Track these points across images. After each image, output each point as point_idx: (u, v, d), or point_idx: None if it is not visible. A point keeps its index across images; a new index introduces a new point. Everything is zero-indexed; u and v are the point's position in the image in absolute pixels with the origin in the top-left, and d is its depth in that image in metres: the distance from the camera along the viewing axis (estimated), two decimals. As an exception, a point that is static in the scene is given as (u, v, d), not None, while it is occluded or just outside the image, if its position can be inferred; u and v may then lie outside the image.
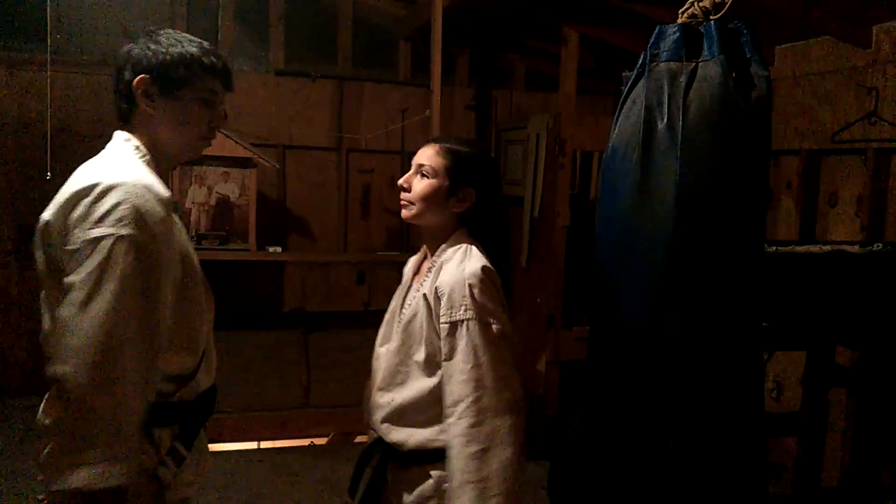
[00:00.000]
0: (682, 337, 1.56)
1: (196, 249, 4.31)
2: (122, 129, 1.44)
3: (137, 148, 1.41)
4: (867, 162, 2.92)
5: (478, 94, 4.90)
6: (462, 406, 1.44)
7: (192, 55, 1.42)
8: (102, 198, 1.25)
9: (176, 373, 1.39)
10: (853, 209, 3.05)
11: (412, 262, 1.77)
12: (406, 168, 1.69)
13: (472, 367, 1.45)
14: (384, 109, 4.70)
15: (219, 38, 4.36)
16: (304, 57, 4.65)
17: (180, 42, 1.44)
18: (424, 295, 1.55)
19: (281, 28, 4.56)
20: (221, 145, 3.81)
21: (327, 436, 4.45)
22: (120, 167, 1.32)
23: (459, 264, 1.52)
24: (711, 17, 1.58)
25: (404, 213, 1.63)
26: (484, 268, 1.51)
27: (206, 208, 3.90)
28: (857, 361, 2.95)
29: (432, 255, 1.62)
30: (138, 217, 1.25)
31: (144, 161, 1.39)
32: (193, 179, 3.87)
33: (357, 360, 4.41)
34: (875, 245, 2.46)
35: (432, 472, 1.52)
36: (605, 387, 1.74)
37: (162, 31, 1.46)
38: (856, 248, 2.42)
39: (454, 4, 3.68)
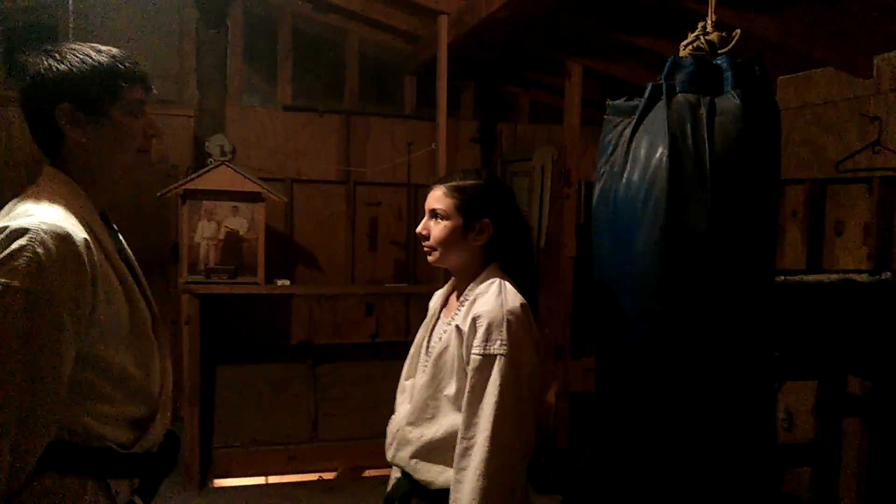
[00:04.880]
0: (710, 367, 1.56)
1: (205, 283, 4.25)
2: (53, 162, 1.33)
3: (68, 183, 1.30)
4: (872, 191, 2.93)
5: (482, 127, 4.94)
6: (480, 439, 1.44)
7: (107, 66, 1.30)
8: (5, 242, 1.16)
9: (128, 421, 1.31)
10: (860, 238, 3.05)
11: (439, 295, 1.77)
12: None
13: (496, 402, 1.45)
14: (390, 143, 4.75)
15: (227, 74, 4.43)
16: (312, 92, 4.72)
17: (87, 55, 1.29)
18: (457, 326, 1.54)
19: (288, 64, 4.63)
20: (231, 180, 3.85)
21: (336, 470, 4.42)
22: (36, 209, 1.22)
23: (497, 297, 1.52)
24: (720, 52, 1.61)
25: (429, 258, 1.65)
26: (523, 305, 1.52)
27: (216, 242, 3.92)
28: (870, 391, 2.92)
29: (464, 290, 1.62)
30: (38, 268, 1.15)
31: (74, 197, 1.28)
32: (203, 214, 3.90)
33: (365, 392, 4.39)
34: (884, 273, 2.45)
35: None
36: (625, 422, 1.72)
37: (59, 46, 1.31)
38: (864, 277, 2.42)
39: (458, 40, 3.74)
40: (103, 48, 1.32)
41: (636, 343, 1.64)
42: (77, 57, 1.29)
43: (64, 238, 1.19)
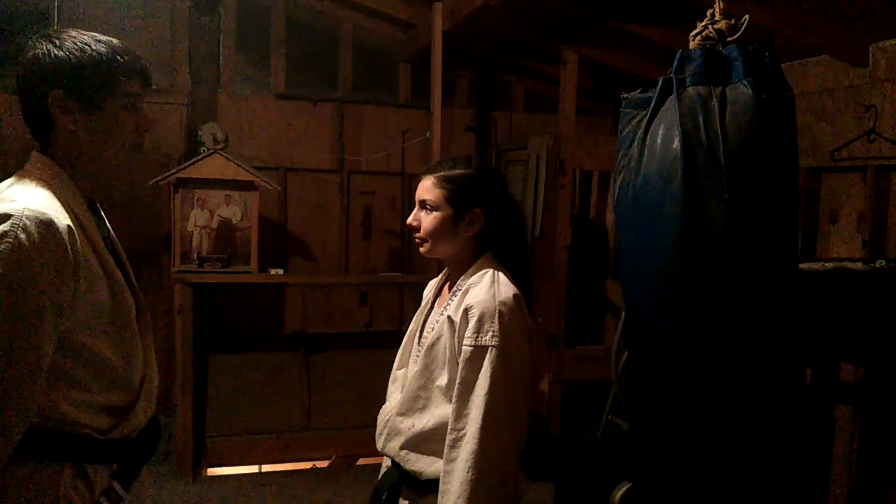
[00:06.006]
0: (741, 359, 1.55)
1: (198, 272, 4.23)
2: (42, 148, 1.32)
3: (54, 169, 1.29)
4: (867, 179, 2.92)
5: (477, 116, 4.93)
6: (471, 430, 1.43)
7: (105, 57, 1.27)
8: None
9: (106, 408, 1.30)
10: (854, 226, 3.05)
11: (432, 284, 1.76)
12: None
13: (487, 394, 1.43)
14: (384, 131, 4.72)
15: (220, 62, 4.40)
16: (305, 81, 4.68)
17: (86, 44, 1.27)
18: (449, 317, 1.53)
19: (282, 52, 4.59)
20: (223, 169, 3.83)
21: (329, 459, 4.42)
22: (20, 194, 1.21)
23: (489, 288, 1.50)
24: (728, 40, 1.60)
25: (421, 249, 1.63)
26: (515, 296, 1.51)
27: (208, 231, 3.90)
28: (863, 378, 2.94)
29: (456, 280, 1.61)
30: (20, 254, 1.15)
31: (60, 184, 1.27)
32: (195, 203, 3.88)
33: (358, 381, 4.39)
34: (878, 262, 2.45)
35: None
36: (659, 417, 1.71)
37: (61, 32, 1.29)
38: (858, 265, 2.42)
39: (453, 28, 3.72)
40: (103, 38, 1.30)
41: (664, 338, 1.62)
42: (76, 45, 1.26)
43: (47, 224, 1.18)
